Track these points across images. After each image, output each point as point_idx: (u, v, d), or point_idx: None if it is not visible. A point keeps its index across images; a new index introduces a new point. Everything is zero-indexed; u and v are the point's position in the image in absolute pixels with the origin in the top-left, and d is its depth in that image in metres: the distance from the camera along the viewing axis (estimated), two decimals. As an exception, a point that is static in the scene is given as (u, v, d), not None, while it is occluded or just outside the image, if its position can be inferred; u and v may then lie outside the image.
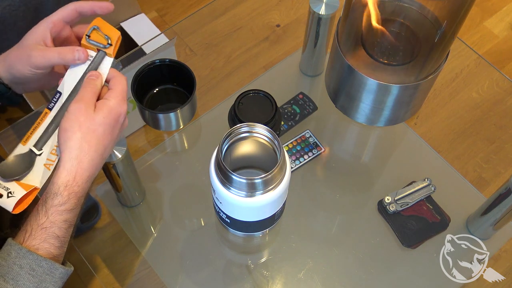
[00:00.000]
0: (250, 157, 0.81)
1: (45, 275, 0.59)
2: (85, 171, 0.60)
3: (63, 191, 0.59)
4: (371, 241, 0.89)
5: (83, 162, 0.60)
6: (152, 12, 1.96)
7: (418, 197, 0.90)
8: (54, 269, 0.59)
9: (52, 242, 0.60)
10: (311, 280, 0.86)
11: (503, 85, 1.07)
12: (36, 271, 0.58)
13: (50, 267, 0.59)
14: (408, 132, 1.01)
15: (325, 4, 0.89)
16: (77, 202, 0.61)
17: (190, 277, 0.86)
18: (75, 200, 0.60)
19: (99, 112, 0.61)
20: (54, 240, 0.60)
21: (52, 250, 0.60)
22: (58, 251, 0.60)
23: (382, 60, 0.83)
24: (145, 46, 1.19)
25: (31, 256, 0.58)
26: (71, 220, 0.61)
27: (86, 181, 0.61)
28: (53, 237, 0.60)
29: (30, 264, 0.58)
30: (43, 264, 0.59)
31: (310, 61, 1.02)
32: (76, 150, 0.60)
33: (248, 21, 1.15)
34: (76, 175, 0.60)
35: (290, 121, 0.98)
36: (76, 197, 0.60)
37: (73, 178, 0.60)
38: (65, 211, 0.60)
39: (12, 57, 0.67)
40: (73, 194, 0.60)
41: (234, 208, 0.75)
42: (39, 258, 0.58)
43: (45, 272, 0.59)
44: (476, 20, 1.95)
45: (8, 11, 1.23)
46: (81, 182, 0.60)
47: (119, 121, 0.63)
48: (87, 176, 0.61)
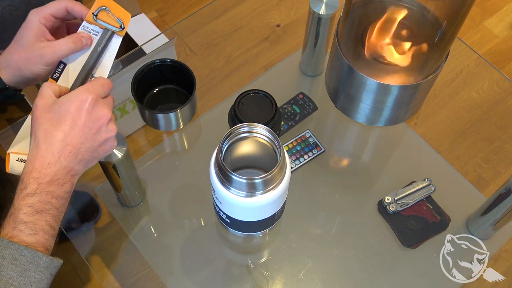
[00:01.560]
0: (250, 157, 0.81)
1: (28, 264, 0.59)
2: (43, 158, 0.61)
3: (23, 176, 0.61)
4: (371, 241, 0.89)
5: (40, 149, 0.61)
6: (152, 12, 1.96)
7: (418, 197, 0.90)
8: (37, 258, 0.59)
9: (22, 229, 0.60)
10: (311, 280, 0.86)
11: (503, 85, 1.07)
12: (19, 260, 0.58)
13: (32, 256, 0.59)
14: (408, 132, 1.01)
15: (325, 4, 0.89)
16: (38, 187, 0.61)
17: (190, 277, 0.86)
18: (35, 185, 0.61)
19: (57, 100, 0.62)
20: (23, 226, 0.60)
21: (24, 237, 0.60)
22: (30, 239, 0.60)
23: (382, 60, 0.83)
24: (145, 46, 1.19)
25: (13, 246, 0.58)
26: (36, 205, 0.61)
27: (47, 167, 0.61)
28: (21, 223, 0.60)
29: (12, 254, 0.58)
30: (25, 253, 0.59)
31: (310, 61, 1.02)
32: (35, 140, 0.62)
33: (248, 21, 1.15)
34: (35, 161, 0.61)
35: (290, 121, 0.98)
36: (36, 182, 0.61)
37: (32, 165, 0.61)
38: (27, 195, 0.60)
39: (19, 60, 0.68)
40: (32, 179, 0.61)
41: (234, 208, 0.75)
42: (20, 247, 0.58)
43: (28, 261, 0.59)
44: (476, 20, 1.95)
45: (8, 11, 1.23)
46: (41, 167, 0.61)
47: (83, 107, 0.62)
48: (48, 162, 0.61)
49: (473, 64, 1.09)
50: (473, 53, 1.11)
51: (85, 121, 0.62)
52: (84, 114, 0.62)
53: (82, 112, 0.62)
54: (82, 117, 0.62)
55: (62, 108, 0.62)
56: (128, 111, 0.99)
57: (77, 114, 0.62)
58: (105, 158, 0.74)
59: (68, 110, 0.62)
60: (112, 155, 0.75)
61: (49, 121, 0.62)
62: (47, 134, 0.61)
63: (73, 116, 0.62)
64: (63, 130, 0.62)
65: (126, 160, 0.78)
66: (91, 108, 0.63)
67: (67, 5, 0.68)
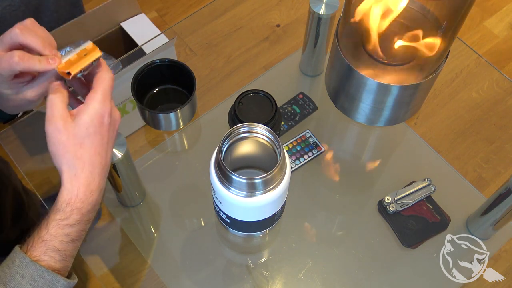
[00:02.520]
0: (250, 157, 0.81)
1: (46, 287, 0.58)
2: (86, 187, 0.60)
3: (66, 207, 0.59)
4: (371, 241, 0.89)
5: (81, 178, 0.60)
6: (152, 12, 1.96)
7: (418, 197, 0.90)
8: (56, 282, 0.59)
9: (52, 255, 0.59)
10: (311, 280, 0.86)
11: (503, 85, 1.07)
12: (38, 281, 0.58)
13: (52, 279, 0.58)
14: (408, 132, 1.01)
15: (325, 4, 0.89)
16: (81, 218, 0.60)
17: (190, 277, 0.86)
18: (78, 216, 0.60)
19: (81, 124, 0.59)
20: (55, 253, 0.59)
21: (52, 263, 0.59)
22: (58, 265, 0.60)
23: (382, 60, 0.83)
24: (145, 46, 1.19)
25: (34, 267, 0.58)
26: (74, 234, 0.60)
27: (90, 195, 0.60)
28: (53, 250, 0.59)
29: (32, 274, 0.58)
30: (45, 276, 0.58)
31: (310, 61, 1.02)
32: (72, 170, 0.59)
33: (248, 21, 1.15)
34: (78, 192, 0.60)
35: (290, 121, 0.98)
36: (80, 212, 0.60)
37: (76, 195, 0.60)
38: (67, 225, 0.59)
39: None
40: (76, 210, 0.60)
41: (234, 208, 0.75)
42: (41, 269, 0.58)
43: (46, 283, 0.58)
44: (476, 20, 1.95)
45: (8, 11, 1.23)
46: (84, 197, 0.60)
47: (104, 122, 0.61)
48: (91, 190, 0.60)
49: (473, 64, 1.09)
50: (473, 53, 1.11)
51: (110, 134, 0.62)
52: (107, 128, 0.61)
53: (105, 127, 0.61)
54: (107, 132, 0.61)
55: (91, 130, 0.59)
56: (128, 111, 0.99)
57: (102, 130, 0.61)
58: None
59: (95, 131, 0.60)
60: (112, 155, 0.75)
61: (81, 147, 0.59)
62: (85, 161, 0.59)
63: (101, 135, 0.60)
64: (99, 153, 0.60)
65: (126, 160, 0.78)
66: (110, 119, 0.62)
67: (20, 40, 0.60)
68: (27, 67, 0.60)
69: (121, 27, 1.52)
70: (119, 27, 1.52)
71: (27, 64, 0.60)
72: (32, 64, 0.60)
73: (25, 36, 0.60)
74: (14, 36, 0.60)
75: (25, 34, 0.60)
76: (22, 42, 0.61)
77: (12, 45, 0.61)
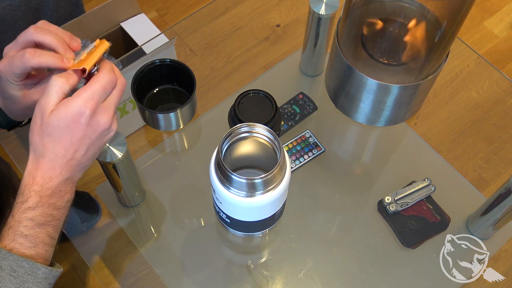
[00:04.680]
0: (250, 157, 0.81)
1: (26, 276, 0.58)
2: (44, 172, 0.60)
3: (24, 189, 0.60)
4: (371, 241, 0.89)
5: (40, 163, 0.60)
6: (152, 12, 1.96)
7: (418, 197, 0.90)
8: (36, 269, 0.58)
9: (21, 242, 0.59)
10: (311, 280, 0.86)
11: (503, 85, 1.07)
12: (17, 272, 0.57)
13: (31, 267, 0.58)
14: (408, 132, 1.01)
15: (325, 4, 0.90)
16: (40, 200, 0.59)
17: (190, 277, 0.86)
18: (37, 198, 0.59)
19: (54, 115, 0.58)
20: (23, 239, 0.59)
21: (23, 250, 0.59)
22: (30, 252, 0.59)
23: (382, 60, 0.83)
24: (145, 46, 1.19)
25: (11, 257, 0.57)
26: (38, 219, 0.60)
27: (49, 180, 0.60)
28: (21, 236, 0.59)
29: (10, 265, 0.57)
30: (24, 264, 0.58)
31: (310, 61, 1.02)
32: (36, 152, 0.60)
33: (248, 21, 1.15)
34: (36, 175, 0.60)
35: (290, 121, 0.98)
36: (38, 195, 0.59)
37: (33, 178, 0.60)
38: (28, 209, 0.59)
39: None
40: (33, 192, 0.59)
41: (234, 208, 0.75)
42: (19, 258, 0.58)
43: (26, 272, 0.58)
44: (476, 20, 1.95)
45: (8, 11, 1.23)
46: (42, 181, 0.60)
47: (80, 121, 0.59)
48: (49, 177, 0.60)
49: (473, 64, 1.09)
50: (473, 53, 1.11)
51: (84, 134, 0.60)
52: (83, 127, 0.60)
53: (80, 126, 0.59)
54: (81, 131, 0.60)
55: (62, 124, 0.58)
56: (128, 111, 0.99)
57: (76, 128, 0.59)
58: (105, 158, 0.74)
59: (67, 126, 0.59)
60: (112, 155, 0.75)
61: (49, 135, 0.59)
62: (48, 149, 0.59)
63: (72, 131, 0.59)
64: (64, 146, 0.59)
65: (126, 160, 0.78)
66: (89, 120, 0.60)
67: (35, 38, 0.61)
68: (38, 63, 0.60)
69: (121, 27, 1.52)
70: (119, 27, 1.52)
71: (39, 59, 0.60)
72: (45, 60, 0.60)
73: (39, 34, 0.61)
74: (29, 34, 0.61)
75: (39, 32, 0.61)
76: (36, 39, 0.61)
77: (26, 43, 0.62)
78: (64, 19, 1.40)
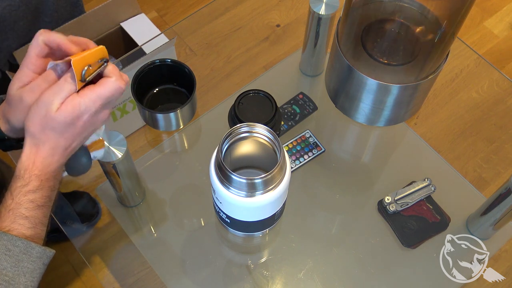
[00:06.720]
0: (250, 157, 0.81)
1: (21, 255, 0.59)
2: (44, 158, 0.62)
3: (24, 174, 0.61)
4: (371, 241, 0.89)
5: (41, 151, 0.62)
6: (152, 12, 1.96)
7: (418, 197, 0.90)
8: (30, 248, 0.60)
9: (22, 223, 0.61)
10: (311, 280, 0.86)
11: (503, 85, 1.07)
12: (12, 251, 0.59)
13: (26, 246, 0.60)
14: (408, 132, 1.01)
15: (325, 4, 0.90)
16: (40, 184, 0.62)
17: (190, 277, 0.86)
18: (37, 182, 0.62)
19: (62, 110, 0.60)
20: (24, 220, 0.61)
21: (24, 230, 0.61)
22: (30, 232, 0.61)
23: (382, 60, 0.83)
24: (145, 46, 1.19)
25: (6, 237, 0.59)
26: (38, 200, 0.62)
27: (48, 166, 0.62)
28: (21, 218, 0.61)
29: (5, 245, 0.59)
30: (19, 244, 0.59)
31: (310, 61, 1.02)
32: (35, 139, 0.61)
33: (248, 21, 1.15)
34: (35, 160, 0.62)
35: (290, 121, 0.98)
36: (38, 179, 0.62)
37: (33, 163, 0.61)
38: (29, 192, 0.61)
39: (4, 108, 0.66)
40: (34, 176, 0.61)
41: (234, 208, 0.75)
42: (13, 238, 0.59)
43: (21, 251, 0.59)
44: (476, 20, 1.95)
45: (8, 11, 1.23)
46: (41, 166, 0.62)
47: (83, 119, 0.62)
48: (48, 162, 0.62)
49: (473, 64, 1.09)
50: (473, 53, 1.11)
51: (85, 128, 0.63)
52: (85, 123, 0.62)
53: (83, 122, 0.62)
54: (83, 126, 0.62)
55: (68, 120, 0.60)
56: (128, 111, 0.99)
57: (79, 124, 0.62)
58: (105, 158, 0.74)
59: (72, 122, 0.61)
60: (112, 155, 0.75)
61: (52, 129, 0.61)
62: (50, 139, 0.61)
63: (75, 126, 0.61)
64: (65, 138, 0.62)
65: (126, 160, 0.78)
66: (92, 117, 0.62)
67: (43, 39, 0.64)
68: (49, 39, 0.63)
69: (121, 27, 1.52)
70: (119, 27, 1.52)
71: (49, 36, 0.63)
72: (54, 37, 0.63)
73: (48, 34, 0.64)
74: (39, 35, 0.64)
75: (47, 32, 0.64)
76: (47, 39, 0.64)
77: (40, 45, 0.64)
78: (64, 19, 1.40)
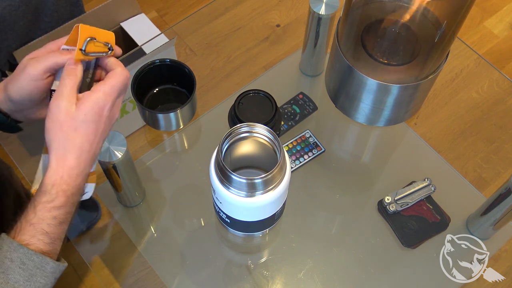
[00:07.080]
0: (250, 157, 0.81)
1: (35, 269, 0.59)
2: (72, 170, 0.61)
3: (51, 189, 0.60)
4: (371, 241, 0.89)
5: (68, 161, 0.61)
6: (152, 12, 1.96)
7: (418, 197, 0.90)
8: (45, 264, 0.60)
9: (41, 238, 0.60)
10: (311, 280, 0.86)
11: (503, 85, 1.07)
12: (27, 265, 0.58)
13: (41, 261, 0.59)
14: (408, 132, 1.01)
15: (325, 4, 0.90)
16: (66, 200, 0.61)
17: (190, 277, 0.86)
18: (64, 198, 0.61)
19: (81, 109, 0.60)
20: (43, 236, 0.60)
21: (42, 246, 0.60)
22: (48, 248, 0.61)
23: (382, 60, 0.83)
24: (145, 46, 1.19)
25: (22, 250, 0.58)
26: (61, 217, 0.61)
27: (75, 179, 0.61)
28: (42, 233, 0.60)
29: (20, 258, 0.58)
30: (34, 258, 0.59)
31: (310, 61, 1.02)
32: (60, 150, 0.60)
33: (248, 21, 1.15)
34: (63, 174, 0.61)
35: (290, 121, 0.98)
36: (65, 195, 0.61)
37: (60, 177, 0.60)
38: (53, 208, 0.60)
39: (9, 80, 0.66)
40: (61, 192, 0.61)
41: (234, 208, 0.75)
42: (29, 252, 0.59)
43: (35, 266, 0.59)
44: (476, 20, 1.95)
45: (8, 11, 1.23)
46: (69, 180, 0.61)
47: (103, 114, 0.62)
48: (76, 174, 0.61)
49: (473, 64, 1.09)
50: (473, 53, 1.11)
51: (105, 126, 0.63)
52: (105, 120, 0.63)
53: (103, 119, 0.62)
54: (103, 123, 0.63)
55: (88, 117, 0.61)
56: (128, 111, 0.99)
57: (100, 121, 0.62)
58: (105, 158, 0.75)
59: (93, 119, 0.61)
60: (112, 155, 0.75)
61: (75, 130, 0.60)
62: (75, 145, 0.61)
63: (97, 124, 0.62)
64: (89, 140, 0.61)
65: (126, 160, 0.78)
66: (109, 112, 0.63)
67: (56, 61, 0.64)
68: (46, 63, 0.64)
69: (121, 27, 1.52)
70: (119, 27, 1.52)
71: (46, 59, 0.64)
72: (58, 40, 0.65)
73: None
74: None
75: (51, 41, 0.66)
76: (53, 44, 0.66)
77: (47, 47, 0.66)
78: (64, 19, 1.40)
